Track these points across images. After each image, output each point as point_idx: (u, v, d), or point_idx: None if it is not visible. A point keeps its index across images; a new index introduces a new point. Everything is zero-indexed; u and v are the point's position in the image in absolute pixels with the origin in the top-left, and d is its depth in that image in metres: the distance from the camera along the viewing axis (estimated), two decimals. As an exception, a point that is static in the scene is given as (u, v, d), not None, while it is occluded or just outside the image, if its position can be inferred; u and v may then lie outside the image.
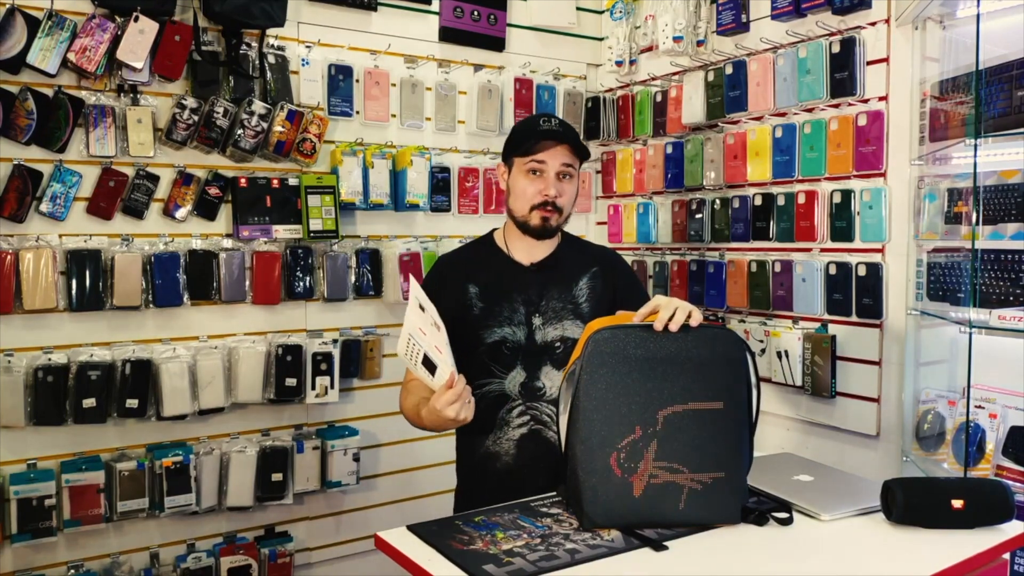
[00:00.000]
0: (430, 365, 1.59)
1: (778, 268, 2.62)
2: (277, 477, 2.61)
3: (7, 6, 2.20)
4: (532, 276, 1.86)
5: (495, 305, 1.82)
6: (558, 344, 1.82)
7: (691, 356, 1.40)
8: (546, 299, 1.84)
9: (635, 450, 1.38)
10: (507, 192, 1.87)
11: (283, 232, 2.64)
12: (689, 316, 1.42)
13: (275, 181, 2.63)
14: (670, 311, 1.42)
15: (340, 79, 2.77)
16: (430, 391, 1.77)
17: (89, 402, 2.31)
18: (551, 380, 1.81)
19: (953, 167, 2.20)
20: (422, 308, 1.56)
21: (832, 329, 2.47)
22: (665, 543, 1.34)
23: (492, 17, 3.08)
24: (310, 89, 2.71)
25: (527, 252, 1.88)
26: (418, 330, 1.58)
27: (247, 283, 2.62)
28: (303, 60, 2.70)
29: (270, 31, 2.60)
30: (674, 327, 1.40)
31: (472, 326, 1.81)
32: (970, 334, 1.86)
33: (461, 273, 1.87)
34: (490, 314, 1.82)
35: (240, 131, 2.52)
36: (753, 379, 1.44)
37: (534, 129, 1.81)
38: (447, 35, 3.00)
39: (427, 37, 2.97)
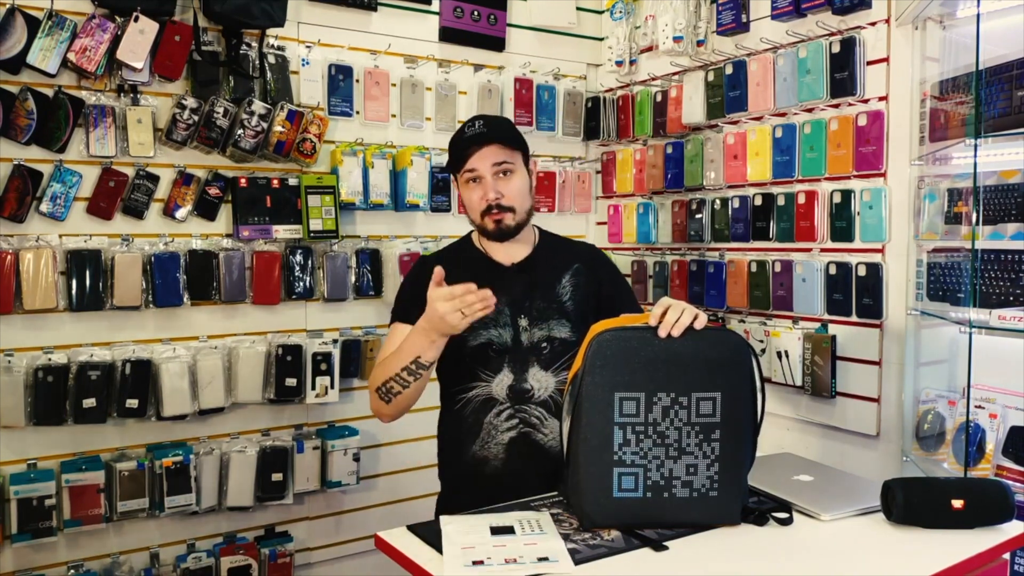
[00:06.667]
0: None
1: (778, 268, 2.62)
2: (277, 477, 2.61)
3: (7, 6, 2.19)
4: (515, 277, 1.84)
5: None
6: (544, 344, 1.80)
7: (695, 358, 1.40)
8: (531, 299, 1.81)
9: (636, 450, 1.38)
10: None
11: (283, 232, 2.64)
12: (695, 319, 1.42)
13: (275, 181, 2.63)
14: (676, 314, 1.41)
15: (340, 79, 2.77)
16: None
17: (89, 402, 2.31)
18: (539, 382, 1.79)
19: (953, 167, 2.20)
20: None
21: (832, 329, 2.47)
22: (665, 543, 1.34)
23: (492, 17, 3.08)
24: (310, 89, 2.70)
25: (506, 253, 1.86)
26: None
27: (247, 283, 2.61)
28: (303, 60, 2.69)
29: (270, 31, 2.60)
30: (676, 332, 1.40)
31: None
32: (970, 334, 1.86)
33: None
34: None
35: (240, 131, 2.52)
36: (757, 382, 1.44)
37: (461, 139, 1.80)
38: (447, 35, 3.00)
39: (427, 37, 2.97)
